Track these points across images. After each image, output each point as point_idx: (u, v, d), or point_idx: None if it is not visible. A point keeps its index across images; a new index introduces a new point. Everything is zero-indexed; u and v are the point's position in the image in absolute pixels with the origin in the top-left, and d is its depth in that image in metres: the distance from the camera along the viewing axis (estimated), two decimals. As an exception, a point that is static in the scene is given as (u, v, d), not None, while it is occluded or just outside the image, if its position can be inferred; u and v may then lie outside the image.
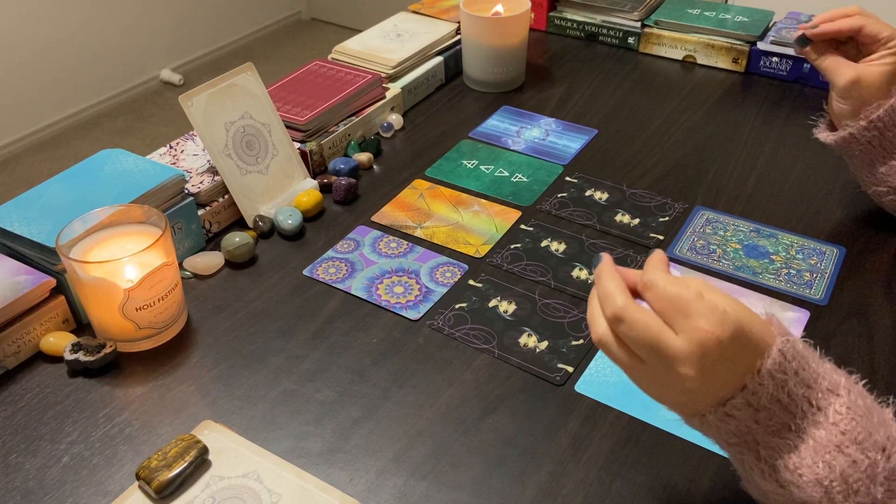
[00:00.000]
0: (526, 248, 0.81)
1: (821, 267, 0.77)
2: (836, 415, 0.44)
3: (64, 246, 0.65)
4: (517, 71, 1.10)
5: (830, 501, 0.44)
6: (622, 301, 0.47)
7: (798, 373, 0.45)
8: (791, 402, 0.45)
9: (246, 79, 0.85)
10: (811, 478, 0.44)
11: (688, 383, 0.45)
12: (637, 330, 0.46)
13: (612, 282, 0.48)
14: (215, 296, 0.76)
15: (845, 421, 0.44)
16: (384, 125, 1.00)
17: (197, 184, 0.81)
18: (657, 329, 0.45)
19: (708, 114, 1.04)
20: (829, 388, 0.45)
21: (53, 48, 2.64)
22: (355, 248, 0.82)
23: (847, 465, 0.44)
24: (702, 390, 0.45)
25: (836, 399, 0.45)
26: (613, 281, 0.48)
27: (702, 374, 0.44)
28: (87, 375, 0.67)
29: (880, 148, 0.74)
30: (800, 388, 0.45)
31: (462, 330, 0.71)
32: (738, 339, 0.44)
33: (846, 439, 0.44)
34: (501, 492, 0.57)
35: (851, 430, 0.44)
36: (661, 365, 0.46)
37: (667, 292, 0.46)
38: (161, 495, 0.56)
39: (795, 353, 0.45)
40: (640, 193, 0.89)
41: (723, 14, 1.17)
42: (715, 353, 0.44)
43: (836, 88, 0.74)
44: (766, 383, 0.44)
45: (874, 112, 0.72)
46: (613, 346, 0.48)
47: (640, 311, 0.46)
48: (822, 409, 0.45)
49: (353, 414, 0.64)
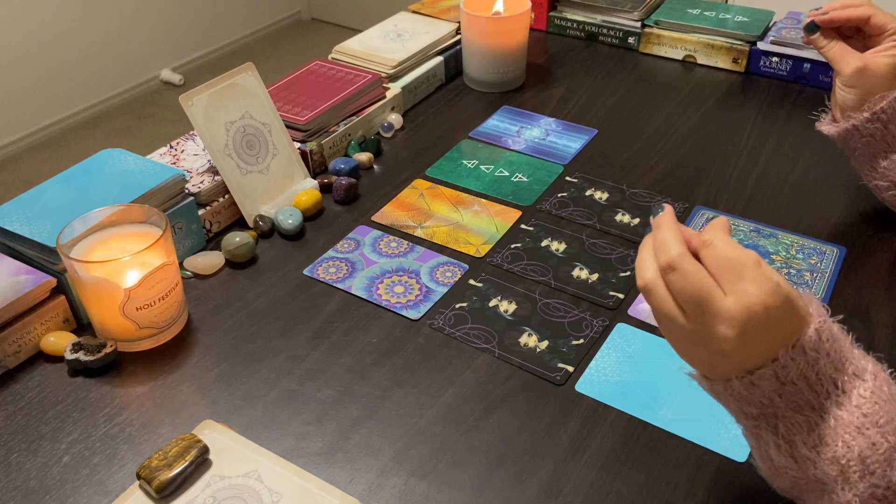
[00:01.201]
0: (526, 247, 0.81)
1: (821, 267, 0.78)
2: (859, 398, 0.45)
3: (64, 245, 0.65)
4: (517, 71, 1.10)
5: (846, 480, 0.44)
6: (679, 250, 0.47)
7: (829, 354, 0.45)
8: (818, 381, 0.45)
9: (246, 79, 0.85)
10: (829, 455, 0.45)
11: (725, 344, 0.45)
12: (688, 281, 0.46)
13: (671, 231, 0.48)
14: (216, 295, 0.76)
15: (868, 404, 0.45)
16: (384, 125, 1.00)
17: (197, 183, 0.81)
18: (709, 283, 0.45)
19: (708, 114, 1.04)
20: (856, 372, 0.46)
21: (53, 48, 2.64)
22: (356, 247, 0.82)
23: (866, 447, 0.44)
24: (736, 354, 0.45)
25: (861, 383, 0.46)
26: (672, 231, 0.48)
27: (740, 338, 0.45)
28: (88, 375, 0.67)
29: (882, 141, 0.74)
30: (829, 368, 0.45)
31: (462, 329, 0.71)
32: (782, 312, 0.44)
33: (867, 421, 0.44)
34: (502, 491, 0.58)
35: (873, 413, 0.44)
36: (703, 321, 0.46)
37: (725, 252, 0.46)
38: (162, 495, 0.56)
39: (830, 335, 0.46)
40: (641, 193, 0.89)
41: (723, 14, 1.18)
42: (759, 319, 0.44)
43: (841, 76, 0.74)
44: (798, 359, 0.45)
45: (878, 104, 0.72)
46: (661, 291, 0.48)
47: (695, 263, 0.46)
48: (846, 392, 0.45)
49: (353, 413, 0.64)
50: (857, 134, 0.74)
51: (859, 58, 0.73)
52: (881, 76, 0.72)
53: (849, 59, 0.73)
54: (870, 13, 0.74)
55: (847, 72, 0.73)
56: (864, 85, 0.73)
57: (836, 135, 0.77)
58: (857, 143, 0.75)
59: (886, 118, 0.72)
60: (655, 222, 0.50)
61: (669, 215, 0.50)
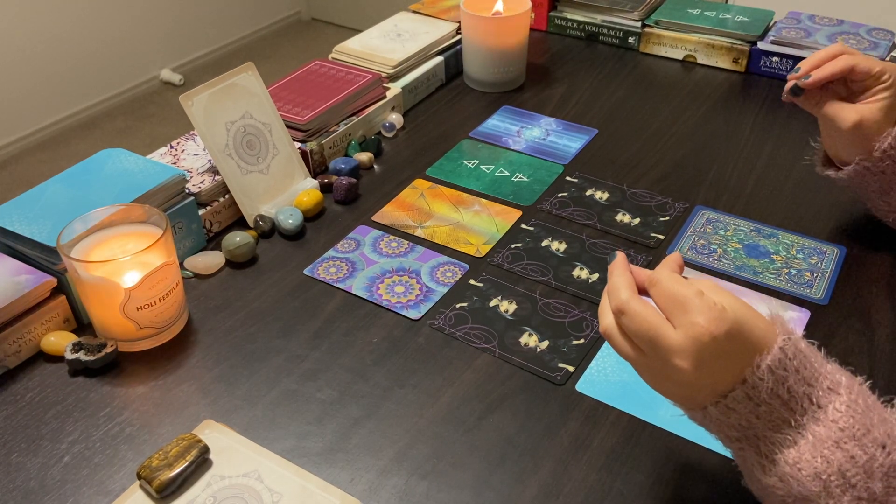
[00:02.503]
0: (526, 247, 0.81)
1: (821, 266, 0.78)
2: (835, 412, 0.45)
3: (65, 245, 0.65)
4: (517, 71, 1.10)
5: (829, 495, 0.45)
6: (626, 295, 0.49)
7: (799, 370, 0.46)
8: (791, 398, 0.46)
9: (246, 78, 0.85)
10: (810, 472, 0.45)
11: (683, 376, 0.47)
12: (637, 322, 0.48)
13: (620, 277, 0.51)
14: (216, 295, 0.76)
15: (844, 418, 0.45)
16: (385, 125, 1.00)
17: (197, 183, 0.81)
18: (656, 322, 0.47)
19: (708, 114, 1.04)
20: (831, 386, 0.46)
21: (53, 48, 2.64)
22: (356, 247, 0.82)
23: (845, 461, 0.44)
24: (698, 384, 0.47)
25: (836, 397, 0.46)
26: (622, 277, 0.51)
27: (696, 368, 0.46)
28: (88, 375, 0.67)
29: (894, 175, 0.73)
30: (800, 385, 0.46)
31: (463, 329, 0.71)
32: (733, 337, 0.45)
33: (844, 435, 0.45)
34: (502, 491, 0.58)
35: (850, 426, 0.45)
36: (659, 357, 0.48)
37: (669, 289, 0.48)
38: (162, 495, 0.56)
39: (797, 352, 0.46)
40: (641, 193, 0.89)
41: (723, 14, 1.18)
42: (709, 348, 0.45)
43: (841, 133, 0.73)
44: (766, 378, 0.45)
45: (885, 141, 0.71)
46: (617, 338, 0.50)
47: (643, 304, 0.48)
48: (822, 407, 0.46)
49: (353, 413, 0.64)
50: (870, 174, 0.74)
51: (854, 111, 0.72)
52: (878, 122, 0.72)
53: (843, 114, 0.72)
54: (852, 63, 0.72)
55: (845, 127, 0.72)
56: (865, 135, 0.72)
57: (845, 178, 0.76)
58: (871, 181, 0.75)
59: (895, 153, 0.72)
60: (609, 269, 0.53)
61: (621, 261, 0.53)
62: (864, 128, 0.72)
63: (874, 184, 0.75)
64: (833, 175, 0.77)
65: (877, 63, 0.72)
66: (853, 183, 0.77)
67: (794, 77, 0.75)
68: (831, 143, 0.76)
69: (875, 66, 0.72)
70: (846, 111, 0.72)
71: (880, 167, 0.73)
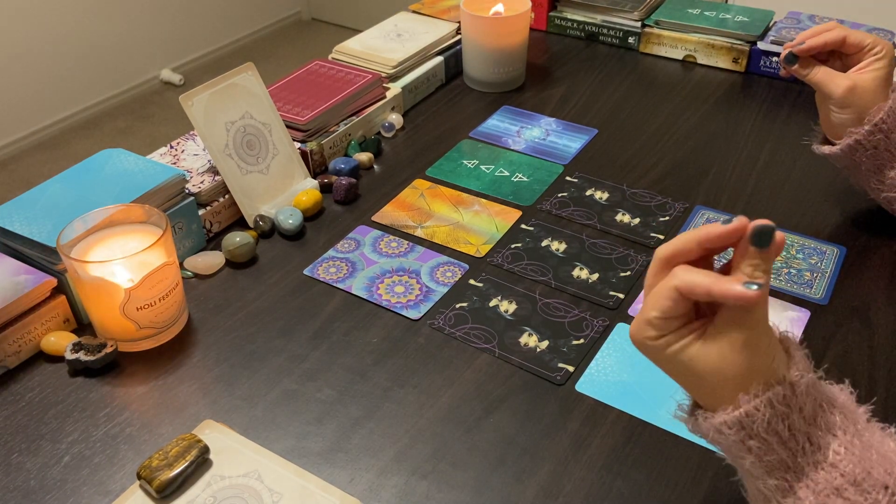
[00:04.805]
0: (526, 247, 0.81)
1: (821, 266, 0.78)
2: (834, 455, 0.44)
3: (65, 245, 0.65)
4: (517, 71, 1.10)
5: None
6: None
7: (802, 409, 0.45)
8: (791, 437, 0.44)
9: (246, 78, 0.85)
10: None
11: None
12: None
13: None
14: (216, 295, 0.76)
15: (844, 462, 0.44)
16: (385, 125, 1.00)
17: (197, 183, 0.81)
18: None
19: (708, 114, 1.04)
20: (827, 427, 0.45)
21: (53, 48, 2.64)
22: (356, 247, 0.82)
23: None
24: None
25: (833, 440, 0.45)
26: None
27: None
28: (88, 375, 0.67)
29: (886, 151, 0.74)
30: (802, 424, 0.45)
31: (462, 329, 0.71)
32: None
33: (845, 482, 0.43)
34: (502, 491, 0.58)
35: (850, 472, 0.44)
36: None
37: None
38: (162, 495, 0.56)
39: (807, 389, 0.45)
40: (641, 193, 0.89)
41: (723, 14, 1.18)
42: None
43: (833, 99, 0.75)
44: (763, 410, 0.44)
45: (877, 115, 0.73)
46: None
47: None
48: (821, 449, 0.44)
49: (353, 413, 0.64)
50: (861, 149, 0.75)
51: (846, 77, 0.74)
52: (871, 91, 0.73)
53: (836, 80, 0.74)
54: (844, 34, 0.74)
55: (838, 93, 0.74)
56: (857, 103, 0.74)
57: (839, 152, 0.77)
58: (862, 156, 0.75)
59: (887, 128, 0.73)
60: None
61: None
62: (857, 94, 0.73)
63: (867, 161, 0.75)
64: (828, 151, 0.78)
65: (868, 36, 0.74)
66: (848, 163, 0.77)
67: (790, 45, 0.77)
68: (826, 117, 0.78)
69: (866, 38, 0.74)
70: (838, 77, 0.75)
71: (872, 141, 0.73)
